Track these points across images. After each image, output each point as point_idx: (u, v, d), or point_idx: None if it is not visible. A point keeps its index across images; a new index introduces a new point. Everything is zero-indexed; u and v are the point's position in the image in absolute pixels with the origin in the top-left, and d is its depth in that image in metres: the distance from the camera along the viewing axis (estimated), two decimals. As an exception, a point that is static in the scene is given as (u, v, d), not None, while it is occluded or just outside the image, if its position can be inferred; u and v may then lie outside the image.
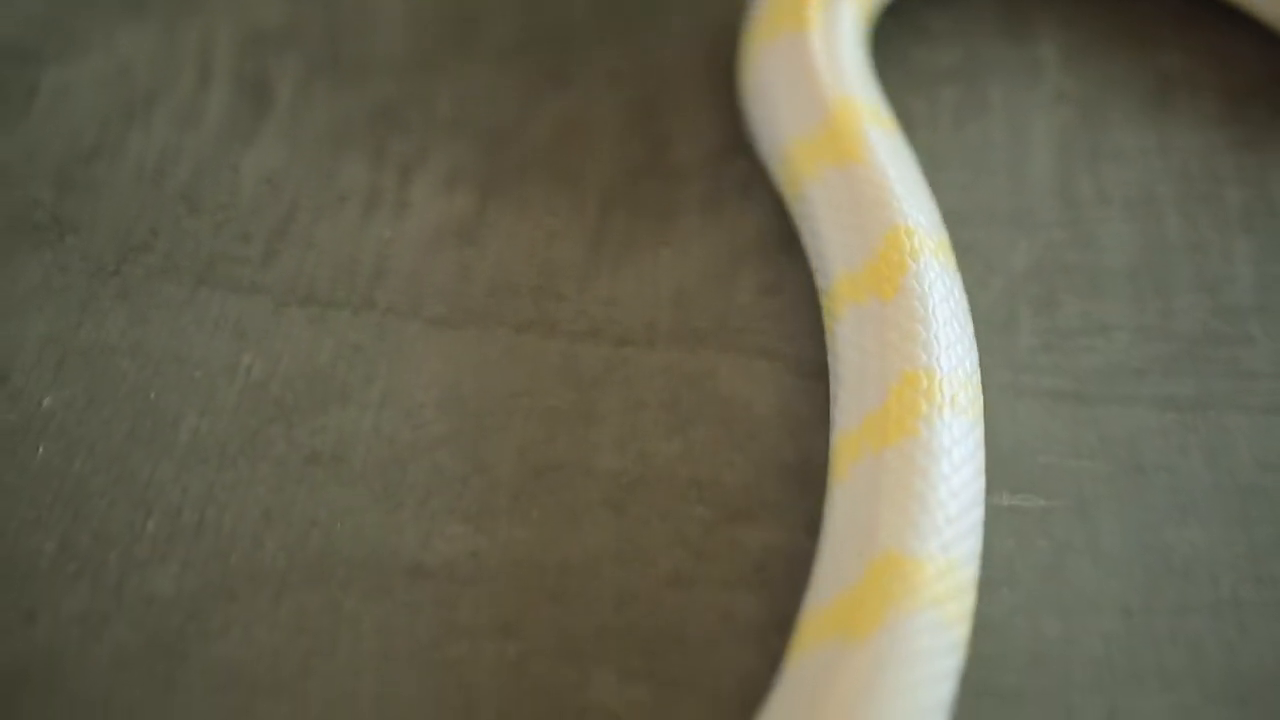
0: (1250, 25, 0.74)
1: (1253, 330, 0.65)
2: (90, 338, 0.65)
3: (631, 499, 0.61)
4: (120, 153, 0.71)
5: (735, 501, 0.61)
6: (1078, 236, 0.68)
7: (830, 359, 0.61)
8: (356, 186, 0.70)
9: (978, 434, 0.57)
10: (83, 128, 0.72)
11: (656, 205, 0.69)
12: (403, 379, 0.64)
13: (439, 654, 0.57)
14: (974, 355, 0.59)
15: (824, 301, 0.63)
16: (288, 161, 0.71)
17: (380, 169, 0.71)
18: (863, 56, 0.69)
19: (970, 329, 0.60)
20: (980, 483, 0.56)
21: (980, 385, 0.59)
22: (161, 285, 0.67)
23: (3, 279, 0.67)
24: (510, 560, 0.59)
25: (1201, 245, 0.68)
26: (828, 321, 0.62)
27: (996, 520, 0.59)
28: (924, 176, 0.66)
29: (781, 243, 0.68)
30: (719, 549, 0.60)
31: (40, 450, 0.62)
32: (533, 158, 0.71)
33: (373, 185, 0.70)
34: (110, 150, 0.71)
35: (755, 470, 0.62)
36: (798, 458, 0.62)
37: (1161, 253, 0.68)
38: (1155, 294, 0.66)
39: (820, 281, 0.63)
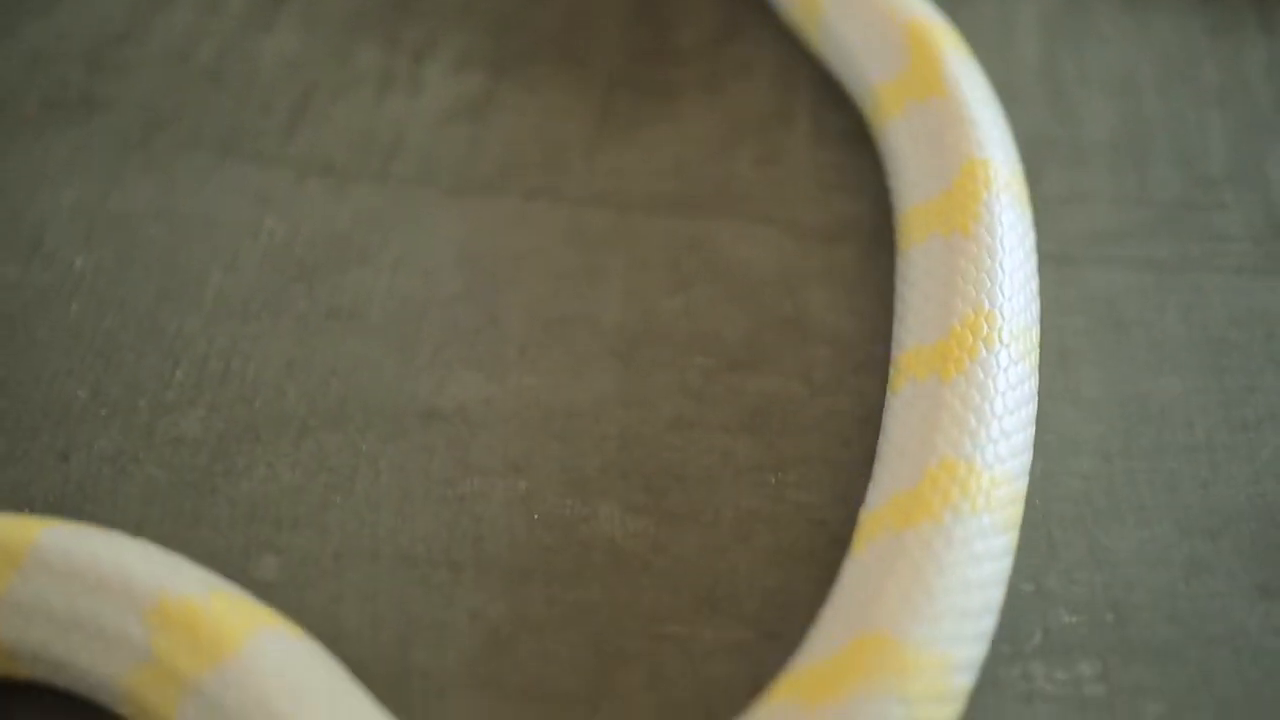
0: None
1: (1225, 198, 0.67)
2: (119, 206, 0.67)
3: (635, 350, 0.62)
4: (147, 36, 0.73)
5: (734, 353, 0.62)
6: (1061, 113, 0.70)
7: (898, 282, 0.62)
8: (372, 68, 0.72)
9: (1033, 383, 0.57)
10: (112, 13, 0.74)
11: (660, 85, 0.71)
12: (417, 242, 0.65)
13: (452, 490, 0.58)
14: (1035, 302, 0.60)
15: (898, 231, 0.64)
16: (305, 46, 0.72)
17: (394, 53, 0.72)
18: None
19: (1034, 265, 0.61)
20: (1032, 407, 0.57)
21: (1038, 336, 0.59)
22: (187, 156, 0.68)
23: (34, 154, 0.68)
24: (520, 405, 0.61)
25: (1178, 120, 0.70)
26: (902, 248, 0.63)
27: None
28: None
29: (779, 119, 0.69)
30: (718, 395, 0.61)
31: (73, 308, 0.63)
32: (541, 42, 0.73)
33: (387, 68, 0.72)
34: (138, 33, 0.73)
35: (753, 325, 0.63)
36: (794, 314, 0.63)
37: (1140, 127, 0.69)
38: (1134, 166, 0.68)
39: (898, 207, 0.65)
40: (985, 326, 0.56)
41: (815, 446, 0.60)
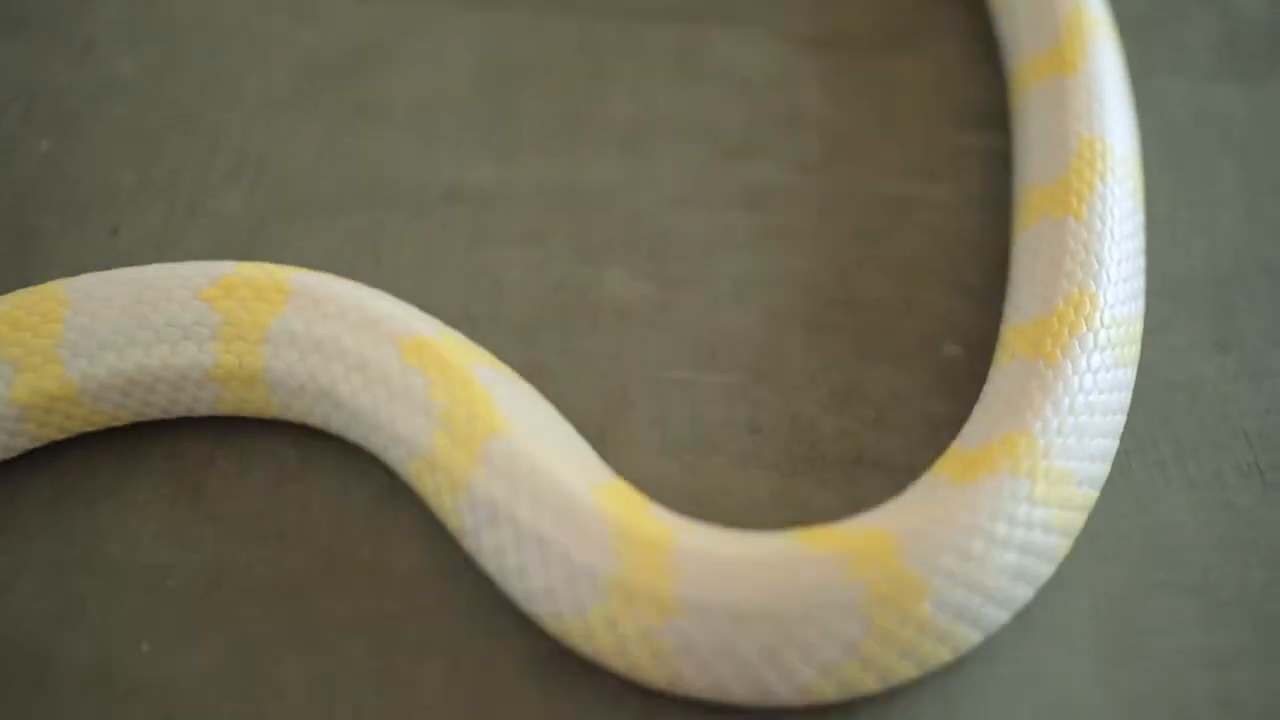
0: None
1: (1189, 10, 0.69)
2: (164, 15, 0.69)
3: (640, 138, 0.65)
4: None
5: (733, 143, 0.65)
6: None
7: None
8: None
9: (1139, 219, 0.58)
10: None
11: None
12: (436, 48, 0.68)
13: (472, 258, 0.61)
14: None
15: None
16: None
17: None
18: None
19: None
20: (1141, 260, 0.57)
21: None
22: (225, -25, 0.71)
23: (84, -23, 0.71)
24: (534, 185, 0.63)
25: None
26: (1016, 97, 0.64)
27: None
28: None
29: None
30: (718, 178, 0.64)
31: (120, 106, 0.66)
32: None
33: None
34: None
35: (752, 119, 0.66)
36: (789, 111, 0.66)
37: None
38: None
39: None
40: (1101, 162, 0.58)
41: (807, 221, 0.63)
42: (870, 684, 0.48)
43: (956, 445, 0.51)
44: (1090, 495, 0.51)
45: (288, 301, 0.53)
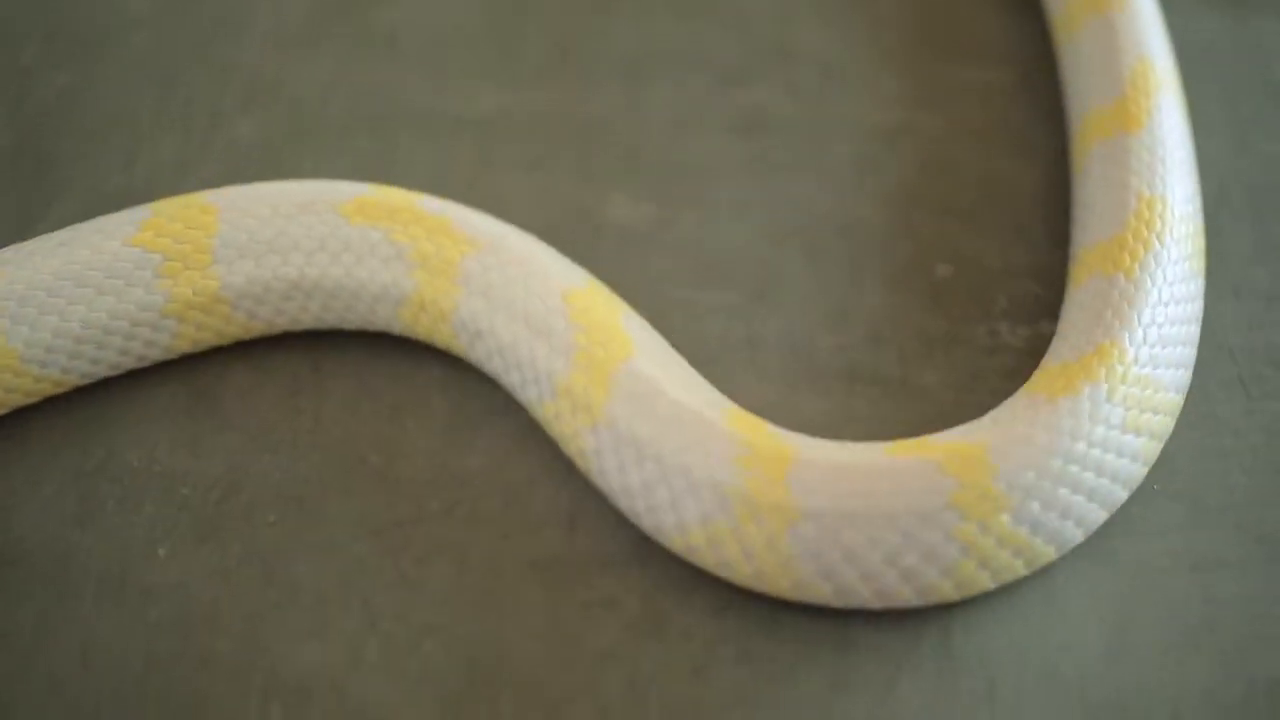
0: None
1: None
2: (176, -46, 0.70)
3: (641, 68, 0.66)
4: None
5: (731, 73, 0.66)
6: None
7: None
8: None
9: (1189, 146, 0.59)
10: None
11: None
12: (442, -13, 0.69)
13: (478, 183, 0.62)
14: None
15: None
16: None
17: None
18: None
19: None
20: (1196, 175, 0.58)
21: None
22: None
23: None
24: (537, 114, 0.65)
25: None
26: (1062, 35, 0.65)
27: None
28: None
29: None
30: (715, 103, 0.65)
31: (135, 40, 0.67)
32: None
33: None
34: None
35: (750, 49, 0.67)
36: (785, 42, 0.67)
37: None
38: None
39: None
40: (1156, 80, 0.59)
41: (802, 148, 0.63)
42: (948, 592, 0.50)
43: (1046, 362, 0.52)
44: (1176, 401, 0.52)
45: (472, 244, 0.54)
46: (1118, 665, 0.50)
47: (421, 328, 0.55)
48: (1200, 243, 0.55)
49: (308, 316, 0.55)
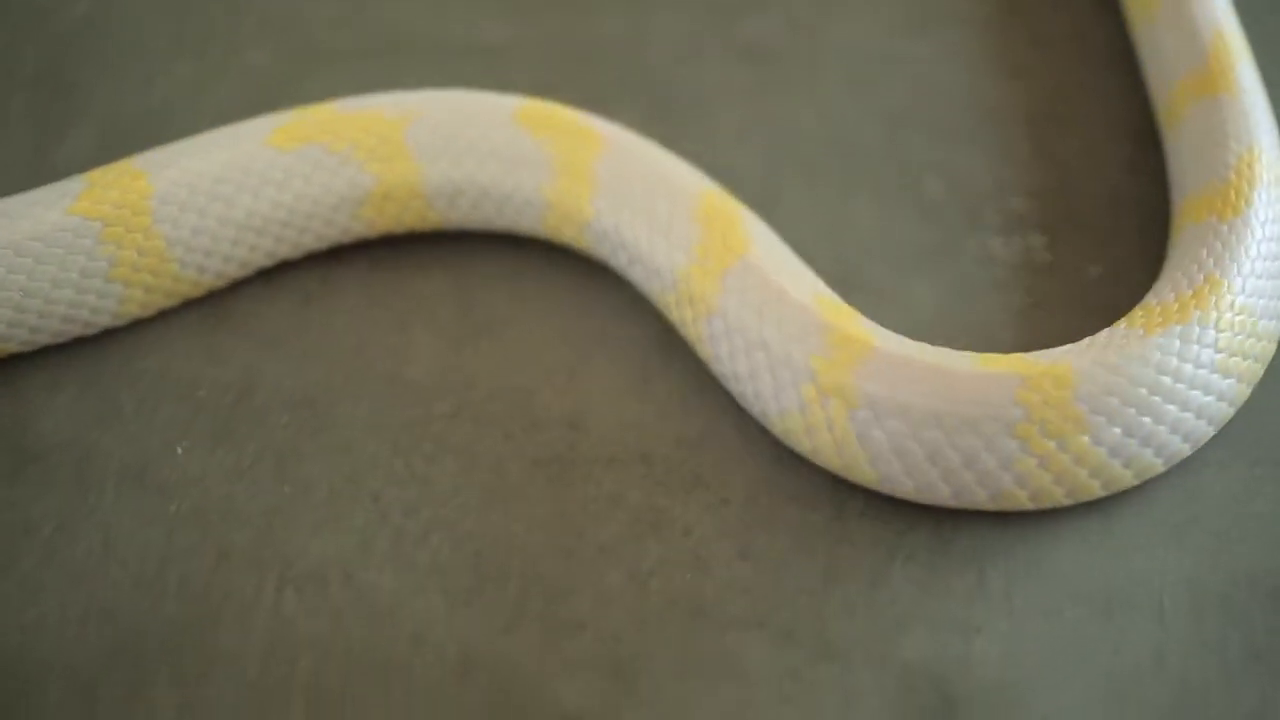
0: None
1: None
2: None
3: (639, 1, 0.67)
4: None
5: (731, 1, 0.67)
6: None
7: None
8: None
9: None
10: None
11: None
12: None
13: (487, 107, 0.63)
14: None
15: None
16: None
17: None
18: None
19: None
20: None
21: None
22: None
23: None
24: (544, 40, 0.65)
25: None
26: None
27: None
28: None
29: None
30: (717, 31, 0.66)
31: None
32: None
33: None
34: None
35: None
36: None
37: None
38: None
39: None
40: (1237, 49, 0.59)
41: (801, 75, 0.64)
42: (1024, 501, 0.50)
43: (1147, 299, 0.53)
44: (1269, 349, 0.53)
45: (603, 146, 0.56)
46: (1104, 553, 0.51)
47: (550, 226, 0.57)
48: None
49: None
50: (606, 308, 0.57)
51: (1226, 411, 0.52)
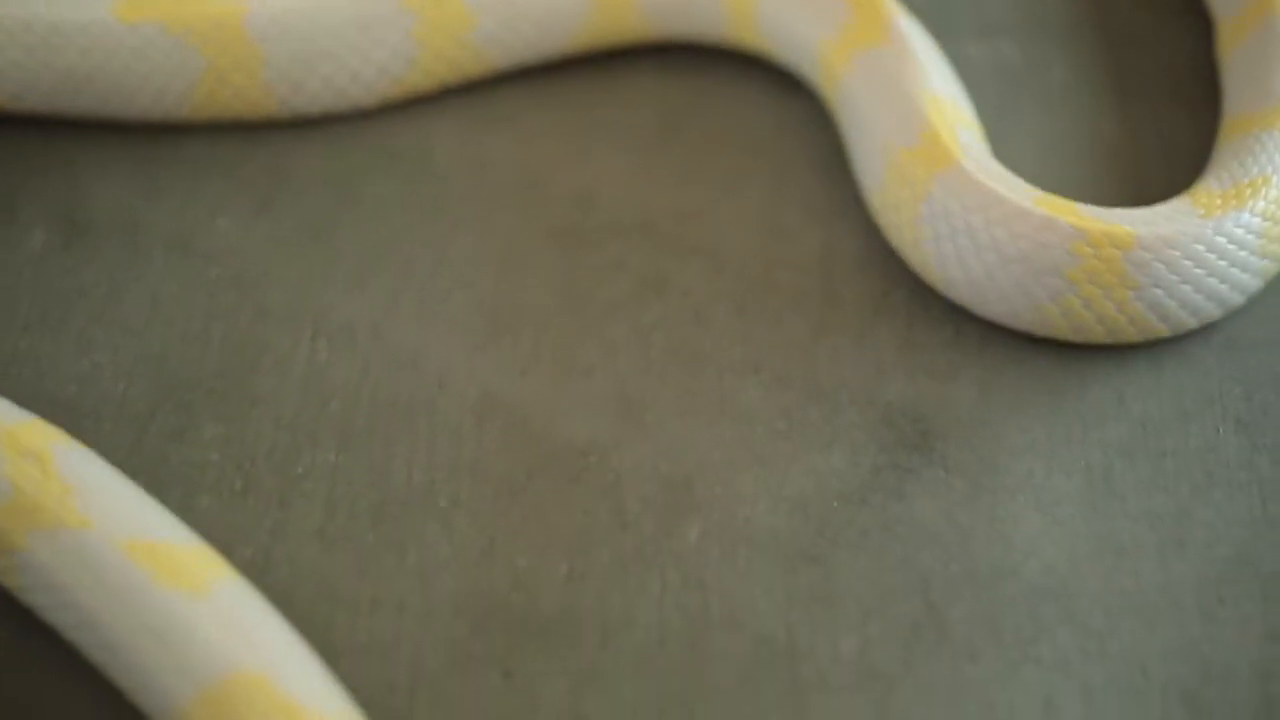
0: None
1: None
2: None
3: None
4: None
5: None
6: None
7: None
8: None
9: None
10: None
11: None
12: None
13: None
14: None
15: None
16: None
17: None
18: None
19: None
20: None
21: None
22: None
23: None
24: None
25: None
26: None
27: None
28: None
29: None
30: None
31: None
32: None
33: None
34: None
35: None
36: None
37: None
38: None
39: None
40: None
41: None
42: (1066, 333, 0.53)
43: (1204, 183, 0.55)
44: None
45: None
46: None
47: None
48: None
49: None
50: (614, 99, 0.60)
51: (1258, 285, 0.55)
